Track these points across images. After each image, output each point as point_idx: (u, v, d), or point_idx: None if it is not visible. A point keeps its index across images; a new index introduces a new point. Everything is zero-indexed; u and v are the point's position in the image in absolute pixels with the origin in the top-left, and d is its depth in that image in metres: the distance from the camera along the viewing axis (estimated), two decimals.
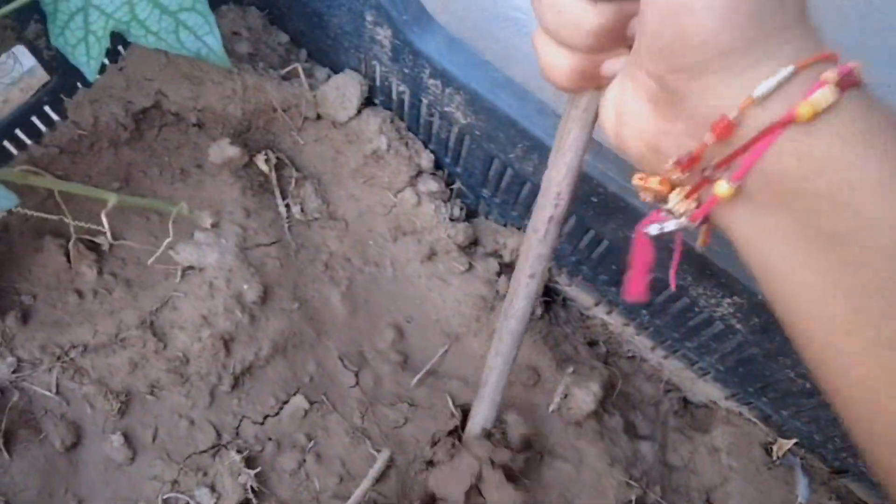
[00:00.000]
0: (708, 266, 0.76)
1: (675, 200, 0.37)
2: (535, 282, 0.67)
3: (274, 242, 0.92)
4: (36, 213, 0.85)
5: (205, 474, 0.83)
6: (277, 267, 0.91)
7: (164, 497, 0.81)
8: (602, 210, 0.80)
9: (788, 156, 0.30)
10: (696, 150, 0.34)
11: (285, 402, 0.88)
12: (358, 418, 0.88)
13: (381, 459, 0.85)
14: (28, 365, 0.83)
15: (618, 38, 0.37)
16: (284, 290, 0.91)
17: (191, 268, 0.88)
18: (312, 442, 0.86)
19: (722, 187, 0.34)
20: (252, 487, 0.81)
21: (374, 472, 0.84)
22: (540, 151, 0.81)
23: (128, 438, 0.83)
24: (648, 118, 0.36)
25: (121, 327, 0.85)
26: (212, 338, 0.85)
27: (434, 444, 0.85)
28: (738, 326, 0.82)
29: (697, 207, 0.37)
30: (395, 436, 0.88)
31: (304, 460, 0.85)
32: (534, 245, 0.63)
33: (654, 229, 0.40)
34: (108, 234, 0.83)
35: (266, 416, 0.87)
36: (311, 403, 0.88)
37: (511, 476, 0.81)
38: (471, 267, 0.94)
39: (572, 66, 0.39)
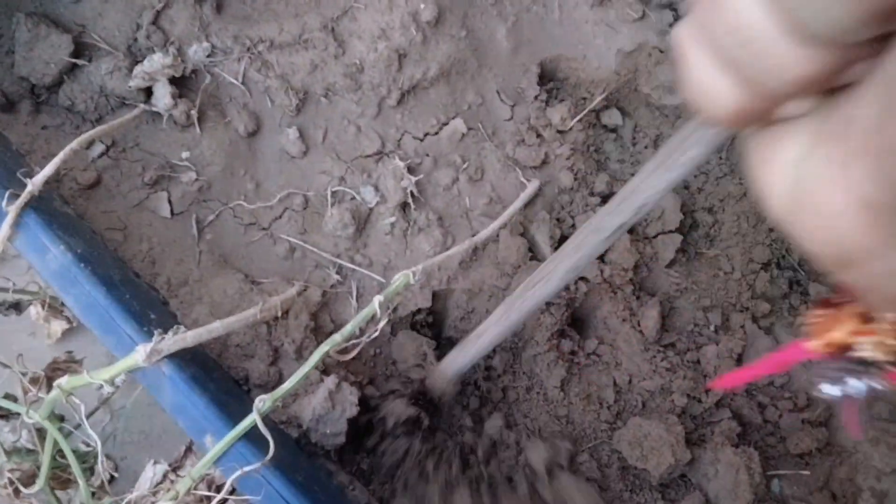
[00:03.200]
0: None
1: (869, 346, 0.29)
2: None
3: None
4: None
5: (369, 176, 0.90)
6: None
7: (333, 190, 0.90)
8: None
9: None
10: None
11: (445, 124, 0.93)
12: (511, 149, 0.93)
13: (532, 187, 0.90)
14: (220, 52, 0.89)
15: (818, 87, 0.24)
16: (455, 17, 0.93)
17: None
18: (467, 164, 0.92)
19: None
20: (412, 192, 0.88)
21: (524, 195, 0.89)
22: None
23: (302, 134, 0.90)
24: (854, 226, 0.24)
25: (304, 29, 0.90)
26: (387, 50, 0.89)
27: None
28: None
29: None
30: (544, 169, 0.93)
31: (458, 178, 0.91)
32: (591, 243, 0.58)
33: (831, 389, 0.31)
34: None
35: (426, 134, 0.92)
36: (469, 129, 0.92)
37: None
38: (644, 15, 0.93)
39: (741, 102, 0.25)
